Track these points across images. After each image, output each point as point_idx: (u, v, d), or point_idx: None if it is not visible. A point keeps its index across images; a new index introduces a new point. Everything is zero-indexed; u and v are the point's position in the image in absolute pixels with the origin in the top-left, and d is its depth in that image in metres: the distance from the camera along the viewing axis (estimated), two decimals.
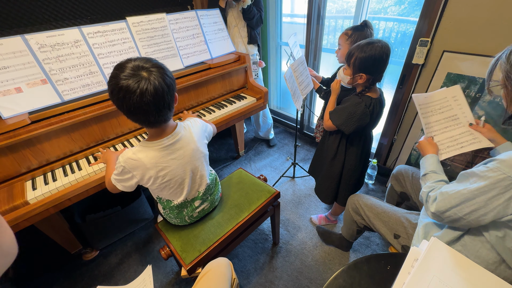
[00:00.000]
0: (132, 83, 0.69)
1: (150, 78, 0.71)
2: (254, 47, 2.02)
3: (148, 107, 0.73)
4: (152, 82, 0.71)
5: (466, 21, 1.21)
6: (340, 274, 0.74)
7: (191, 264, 0.98)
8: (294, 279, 1.35)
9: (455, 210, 0.68)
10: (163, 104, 0.76)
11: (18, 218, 0.98)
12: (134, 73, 0.70)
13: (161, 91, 0.73)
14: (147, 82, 0.71)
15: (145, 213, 1.64)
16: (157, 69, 0.74)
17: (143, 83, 0.70)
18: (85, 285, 1.38)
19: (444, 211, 0.71)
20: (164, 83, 0.74)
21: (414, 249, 0.69)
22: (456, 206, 0.68)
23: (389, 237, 1.00)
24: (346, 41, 1.27)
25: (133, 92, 0.69)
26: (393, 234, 0.99)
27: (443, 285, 0.62)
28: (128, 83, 0.69)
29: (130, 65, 0.71)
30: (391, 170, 1.83)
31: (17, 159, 1.07)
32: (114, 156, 1.07)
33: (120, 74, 0.70)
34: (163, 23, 1.47)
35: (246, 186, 1.28)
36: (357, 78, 1.07)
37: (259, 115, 2.25)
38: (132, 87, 0.69)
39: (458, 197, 0.68)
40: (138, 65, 0.72)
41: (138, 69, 0.71)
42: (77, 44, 1.22)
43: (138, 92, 0.69)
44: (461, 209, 0.67)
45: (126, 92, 0.69)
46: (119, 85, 0.69)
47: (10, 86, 1.08)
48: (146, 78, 0.71)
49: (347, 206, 1.20)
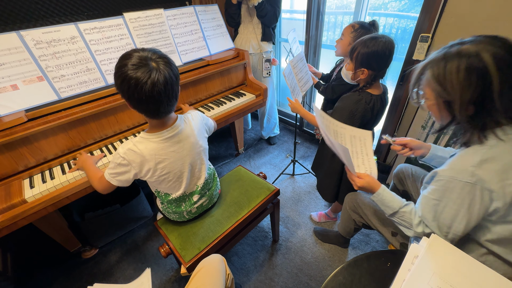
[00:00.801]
0: (143, 73, 0.70)
1: (160, 68, 0.73)
2: (268, 44, 1.94)
3: (160, 97, 0.74)
4: (162, 72, 0.73)
5: (467, 16, 1.20)
6: (340, 271, 0.74)
7: (191, 261, 0.97)
8: (294, 276, 1.35)
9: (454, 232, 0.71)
10: (172, 93, 0.78)
11: (16, 216, 0.98)
12: (143, 63, 0.71)
13: (170, 81, 0.75)
14: (158, 72, 0.72)
15: (144, 211, 1.63)
16: (164, 59, 0.75)
17: (154, 73, 0.71)
18: (84, 283, 1.37)
19: (452, 238, 0.72)
20: (173, 73, 0.76)
21: (414, 246, 0.69)
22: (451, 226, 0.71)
23: (387, 234, 1.00)
24: (350, 33, 1.26)
25: (145, 82, 0.70)
26: (390, 231, 0.99)
27: (443, 282, 0.61)
28: (139, 73, 0.70)
29: (137, 55, 0.72)
30: (391, 167, 1.83)
31: (14, 157, 1.06)
32: (89, 159, 1.08)
33: (128, 64, 0.70)
34: (160, 19, 1.45)
35: (246, 183, 1.28)
36: (359, 74, 1.06)
37: (264, 114, 2.21)
38: (144, 77, 0.70)
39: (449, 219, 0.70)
40: (146, 56, 0.73)
41: (146, 59, 0.72)
42: (73, 40, 1.20)
43: (150, 82, 0.70)
44: (456, 229, 0.70)
45: (137, 81, 0.70)
46: (129, 75, 0.70)
47: (6, 83, 1.06)
48: (156, 68, 0.72)
49: (345, 204, 1.20)
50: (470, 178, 0.62)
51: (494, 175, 0.61)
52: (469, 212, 0.66)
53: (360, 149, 0.93)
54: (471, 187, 0.63)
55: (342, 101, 1.15)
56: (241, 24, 1.93)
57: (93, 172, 0.98)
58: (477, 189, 0.63)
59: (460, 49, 0.59)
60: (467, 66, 0.57)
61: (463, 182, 0.64)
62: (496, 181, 0.61)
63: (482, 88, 0.57)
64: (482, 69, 0.56)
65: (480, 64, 0.56)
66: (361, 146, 0.92)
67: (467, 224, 0.68)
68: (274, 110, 2.24)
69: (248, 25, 1.89)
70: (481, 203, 0.64)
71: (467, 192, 0.64)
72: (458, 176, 0.64)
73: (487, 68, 0.56)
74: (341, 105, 1.14)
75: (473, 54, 0.57)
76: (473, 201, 0.64)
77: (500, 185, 0.61)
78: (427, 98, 0.69)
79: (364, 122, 1.11)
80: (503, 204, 0.62)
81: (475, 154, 0.63)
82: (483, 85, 0.57)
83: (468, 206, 0.65)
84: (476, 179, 0.62)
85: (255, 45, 1.92)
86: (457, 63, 0.59)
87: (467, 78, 0.58)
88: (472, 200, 0.64)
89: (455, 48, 0.61)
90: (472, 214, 0.66)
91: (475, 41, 0.59)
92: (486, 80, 0.57)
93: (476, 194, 0.63)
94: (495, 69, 0.56)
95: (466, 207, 0.65)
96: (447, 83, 0.61)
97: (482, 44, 0.58)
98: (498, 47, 0.57)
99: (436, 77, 0.63)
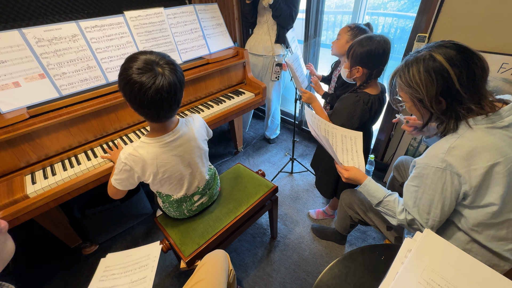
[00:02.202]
0: (147, 78, 0.69)
1: (165, 74, 0.72)
2: (281, 48, 1.87)
3: (162, 103, 0.74)
4: (168, 78, 0.72)
5: (464, 17, 1.22)
6: (336, 264, 0.76)
7: (190, 256, 0.99)
8: (291, 272, 1.37)
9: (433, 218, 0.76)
10: (174, 100, 0.77)
11: (19, 211, 0.99)
12: (149, 68, 0.70)
13: (174, 88, 0.74)
14: (163, 78, 0.71)
15: (144, 208, 1.65)
16: (171, 65, 0.74)
17: (159, 79, 0.70)
18: (84, 279, 1.39)
19: (432, 225, 0.78)
20: (177, 80, 0.75)
21: (408, 240, 0.71)
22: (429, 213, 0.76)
23: (382, 229, 1.02)
24: (346, 33, 1.27)
25: (149, 87, 0.69)
26: (386, 226, 1.01)
27: (435, 274, 0.63)
28: (144, 77, 0.69)
29: (143, 58, 0.71)
30: (388, 165, 1.85)
31: (16, 153, 1.07)
32: None
33: (133, 67, 0.70)
34: (161, 17, 1.46)
35: (245, 180, 1.29)
36: (354, 72, 1.08)
37: (269, 116, 2.21)
38: (148, 82, 0.69)
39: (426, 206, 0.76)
40: (152, 60, 0.72)
41: (152, 64, 0.71)
42: (74, 38, 1.21)
43: (154, 87, 0.70)
44: (434, 215, 0.75)
45: (141, 86, 0.69)
46: (133, 79, 0.69)
47: (8, 81, 1.08)
48: (162, 74, 0.71)
49: (341, 201, 1.22)
50: (441, 164, 0.69)
51: (460, 161, 0.67)
52: (443, 196, 0.72)
53: (351, 147, 1.01)
54: (441, 172, 0.69)
55: (340, 102, 1.16)
56: (256, 25, 1.89)
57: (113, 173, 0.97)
58: (447, 174, 0.69)
59: (417, 56, 0.71)
60: (425, 67, 0.68)
61: (434, 168, 0.70)
62: (463, 166, 0.67)
63: (443, 82, 0.67)
64: (438, 67, 0.67)
65: (435, 64, 0.67)
66: (352, 145, 1.01)
67: (442, 208, 0.73)
68: (278, 113, 2.27)
69: (263, 25, 1.84)
70: (452, 186, 0.70)
71: (439, 177, 0.70)
72: (431, 162, 0.71)
73: (442, 65, 0.66)
74: (340, 106, 1.15)
75: (427, 57, 0.68)
76: (445, 185, 0.70)
77: (466, 170, 0.67)
78: (405, 101, 0.78)
79: (363, 122, 1.13)
80: (470, 188, 0.68)
81: (446, 142, 0.70)
82: (443, 79, 0.66)
83: (441, 190, 0.71)
84: (445, 164, 0.68)
85: (267, 47, 1.87)
86: (416, 66, 0.70)
87: (428, 76, 0.68)
88: (444, 184, 0.70)
89: (413, 56, 0.72)
90: (445, 198, 0.72)
91: (427, 48, 0.71)
92: (444, 75, 0.66)
93: (447, 179, 0.70)
94: (449, 66, 0.65)
95: (440, 191, 0.72)
96: (413, 84, 0.71)
97: (433, 48, 0.69)
98: (448, 47, 0.67)
99: (404, 81, 0.73)
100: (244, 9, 1.81)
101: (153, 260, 0.80)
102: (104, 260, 0.85)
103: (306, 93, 1.32)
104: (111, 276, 0.78)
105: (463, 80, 0.65)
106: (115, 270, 0.80)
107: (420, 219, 0.78)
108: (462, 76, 0.65)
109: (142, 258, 0.82)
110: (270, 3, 1.64)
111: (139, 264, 0.81)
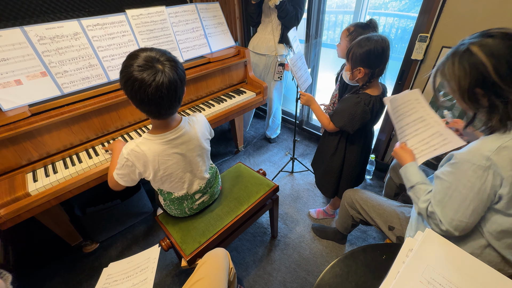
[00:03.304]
0: (148, 75, 0.69)
1: (165, 71, 0.72)
2: (284, 47, 1.86)
3: (162, 100, 0.74)
4: (168, 75, 0.72)
5: (466, 17, 1.22)
6: (337, 263, 0.76)
7: (191, 255, 0.99)
8: (292, 271, 1.37)
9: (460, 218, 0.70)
10: (175, 97, 0.77)
11: (20, 209, 0.99)
12: (149, 65, 0.70)
13: (174, 85, 0.74)
14: (163, 75, 0.71)
15: (144, 207, 1.65)
16: (172, 62, 0.74)
17: (159, 76, 0.70)
18: (85, 277, 1.39)
19: (456, 225, 0.71)
20: (178, 77, 0.75)
21: (409, 239, 0.71)
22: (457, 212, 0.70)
23: (384, 229, 1.02)
24: (346, 37, 1.27)
25: (149, 84, 0.69)
26: (387, 226, 1.01)
27: (436, 274, 0.63)
28: (144, 74, 0.69)
29: (144, 55, 0.71)
30: (388, 165, 1.85)
31: (18, 151, 1.07)
32: (122, 146, 1.05)
33: (134, 65, 0.70)
34: (162, 16, 1.46)
35: (245, 179, 1.29)
36: (356, 73, 1.08)
37: (270, 115, 2.22)
38: (148, 79, 0.69)
39: (456, 204, 0.70)
40: (153, 57, 0.72)
41: (153, 61, 0.71)
42: (76, 36, 1.21)
43: (154, 84, 0.70)
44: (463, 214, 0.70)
45: (141, 83, 0.69)
46: (134, 76, 0.69)
47: (10, 78, 1.08)
48: (162, 71, 0.71)
49: (343, 200, 1.22)
50: (485, 162, 0.64)
51: (508, 163, 0.62)
52: (479, 197, 0.66)
53: (434, 144, 0.93)
54: (483, 171, 0.64)
55: (342, 103, 1.16)
56: (260, 24, 1.89)
57: (113, 165, 0.97)
58: (490, 174, 0.64)
59: (455, 50, 0.69)
60: (460, 58, 0.66)
61: (476, 165, 0.65)
62: (508, 169, 0.62)
63: (477, 74, 0.64)
64: (473, 59, 0.64)
65: (470, 56, 0.65)
66: (436, 144, 0.93)
67: (474, 209, 0.68)
68: (279, 113, 2.27)
69: (267, 25, 1.83)
70: (492, 187, 0.65)
71: (478, 176, 0.65)
72: (472, 159, 0.66)
73: (478, 57, 0.63)
74: (341, 107, 1.15)
75: (464, 49, 0.66)
76: (484, 185, 0.65)
77: (510, 174, 0.62)
78: (451, 94, 0.75)
79: (364, 123, 1.13)
80: (508, 192, 0.64)
81: (496, 140, 0.65)
82: (477, 71, 0.64)
83: (478, 190, 0.66)
84: (490, 163, 0.63)
85: (271, 47, 1.86)
86: (452, 58, 0.68)
87: (462, 69, 0.66)
88: (483, 185, 0.65)
89: (452, 50, 0.70)
90: (481, 199, 0.67)
91: (470, 37, 0.68)
92: (479, 67, 0.63)
93: (488, 179, 0.65)
94: (485, 57, 0.62)
95: (476, 190, 0.66)
96: (448, 76, 0.70)
97: (471, 40, 0.66)
98: (490, 36, 0.64)
99: (443, 75, 0.72)
100: (250, 9, 1.80)
101: (153, 261, 0.80)
102: (107, 269, 0.85)
103: (305, 96, 1.32)
104: (114, 283, 0.79)
105: (502, 71, 0.61)
106: (117, 277, 0.81)
107: (442, 216, 0.72)
108: (501, 68, 0.61)
109: (142, 262, 0.82)
110: (276, 4, 1.63)
111: (139, 268, 0.81)
